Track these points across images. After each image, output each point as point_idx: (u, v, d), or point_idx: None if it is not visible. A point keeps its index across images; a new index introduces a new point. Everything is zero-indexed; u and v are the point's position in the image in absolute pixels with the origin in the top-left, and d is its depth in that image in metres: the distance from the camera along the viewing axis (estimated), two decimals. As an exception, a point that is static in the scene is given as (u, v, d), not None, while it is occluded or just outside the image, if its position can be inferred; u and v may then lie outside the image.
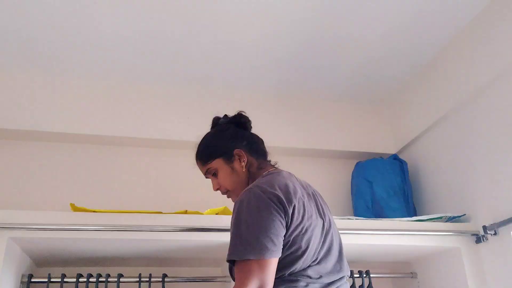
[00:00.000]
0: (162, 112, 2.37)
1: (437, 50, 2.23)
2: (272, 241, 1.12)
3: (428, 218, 2.03)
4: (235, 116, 1.53)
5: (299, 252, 1.18)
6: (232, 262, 1.15)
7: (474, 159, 2.00)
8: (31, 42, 2.04)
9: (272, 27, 2.02)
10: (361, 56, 2.26)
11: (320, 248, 1.24)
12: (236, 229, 1.16)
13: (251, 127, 1.54)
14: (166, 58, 2.20)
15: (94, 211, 1.76)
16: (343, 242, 1.39)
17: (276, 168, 1.45)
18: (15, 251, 1.71)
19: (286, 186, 1.23)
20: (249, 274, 1.09)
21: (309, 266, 1.20)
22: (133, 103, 2.35)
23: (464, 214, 2.02)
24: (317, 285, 1.19)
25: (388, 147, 2.60)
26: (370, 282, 2.07)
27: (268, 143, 2.43)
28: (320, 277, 1.20)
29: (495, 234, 1.86)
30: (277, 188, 1.20)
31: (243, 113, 1.53)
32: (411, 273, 2.23)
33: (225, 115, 1.54)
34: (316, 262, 1.22)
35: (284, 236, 1.17)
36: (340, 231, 1.86)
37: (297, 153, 2.55)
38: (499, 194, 1.85)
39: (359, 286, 2.05)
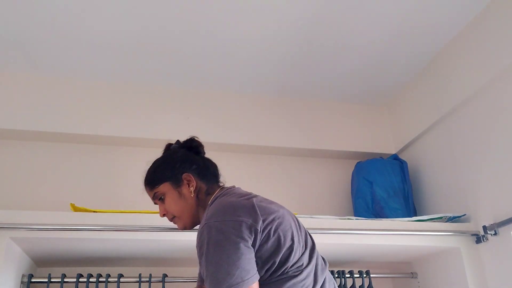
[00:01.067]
0: (162, 112, 2.37)
1: (437, 50, 2.23)
2: (245, 269, 1.09)
3: (429, 218, 2.03)
4: (186, 141, 1.48)
5: (287, 249, 1.18)
6: None
7: (474, 159, 2.00)
8: (31, 42, 2.04)
9: (273, 27, 2.02)
10: (361, 57, 2.25)
11: (299, 237, 1.23)
12: (207, 272, 1.12)
13: (204, 152, 1.48)
14: (166, 58, 2.20)
15: (94, 211, 1.76)
16: (343, 242, 1.40)
17: (222, 187, 1.39)
18: (16, 251, 1.71)
19: (239, 204, 1.20)
20: None
21: (300, 257, 1.20)
22: (133, 103, 2.35)
23: (465, 214, 2.02)
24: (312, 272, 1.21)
25: (388, 147, 2.60)
26: (370, 282, 2.07)
27: (269, 143, 2.47)
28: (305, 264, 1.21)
29: (495, 234, 1.86)
30: (236, 211, 1.17)
31: (196, 138, 1.48)
32: (411, 273, 2.23)
33: (177, 141, 1.50)
34: (302, 253, 1.22)
35: (263, 248, 1.15)
36: (340, 231, 1.87)
37: (297, 153, 2.55)
38: (499, 194, 1.85)
39: (359, 286, 2.05)
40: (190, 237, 1.75)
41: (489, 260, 1.89)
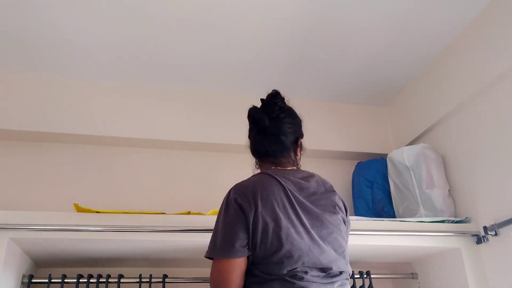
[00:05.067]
0: (162, 112, 2.37)
1: (437, 51, 2.23)
2: (231, 243, 1.20)
3: (431, 221, 2.01)
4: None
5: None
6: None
7: (474, 160, 2.00)
8: (31, 42, 2.04)
9: (273, 27, 2.02)
10: (361, 57, 2.25)
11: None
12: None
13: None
14: (166, 59, 2.20)
15: (97, 212, 1.76)
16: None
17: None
18: (16, 252, 1.70)
19: (246, 188, 1.29)
20: (215, 272, 1.22)
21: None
22: (133, 103, 2.35)
23: (467, 217, 2.02)
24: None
25: (388, 147, 2.60)
26: (370, 283, 2.06)
27: (269, 144, 2.45)
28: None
29: (495, 234, 1.86)
30: (239, 192, 1.28)
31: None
32: (412, 273, 2.23)
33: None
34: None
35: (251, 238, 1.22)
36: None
37: (297, 153, 2.54)
38: (500, 194, 1.85)
39: (360, 287, 2.05)
40: (193, 238, 1.75)
41: (489, 261, 1.89)
